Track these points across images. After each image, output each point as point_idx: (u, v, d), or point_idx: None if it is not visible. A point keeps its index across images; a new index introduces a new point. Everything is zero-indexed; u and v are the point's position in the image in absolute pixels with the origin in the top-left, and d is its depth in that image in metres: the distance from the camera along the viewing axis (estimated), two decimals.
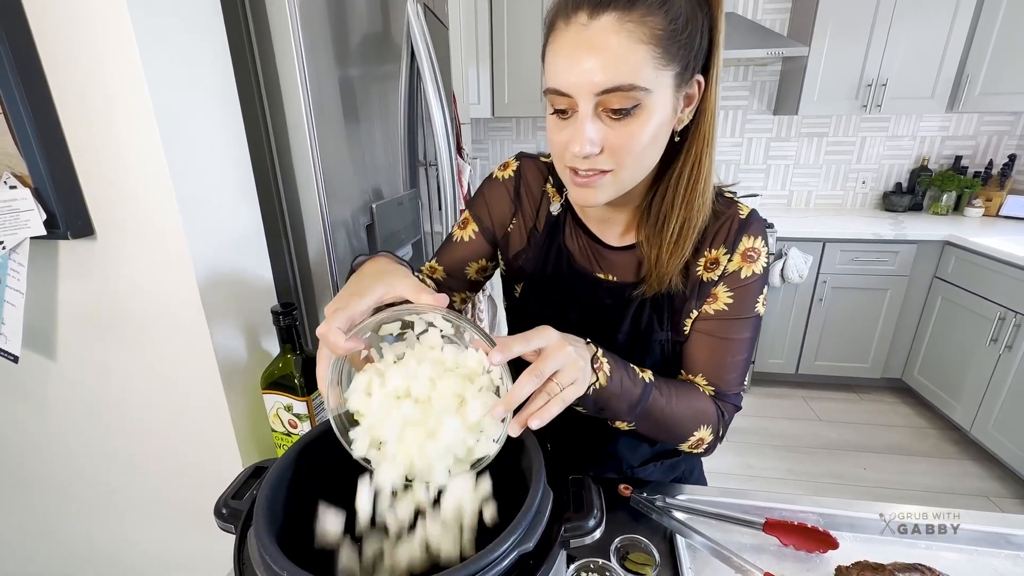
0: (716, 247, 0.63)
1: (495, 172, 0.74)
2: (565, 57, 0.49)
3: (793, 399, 2.68)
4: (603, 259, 0.68)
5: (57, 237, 0.57)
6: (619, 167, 0.53)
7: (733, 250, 0.62)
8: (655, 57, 0.48)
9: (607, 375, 0.55)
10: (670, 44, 0.48)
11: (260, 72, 0.72)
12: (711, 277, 0.63)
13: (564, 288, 0.69)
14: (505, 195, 0.72)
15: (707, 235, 0.63)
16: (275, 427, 0.70)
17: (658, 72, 0.48)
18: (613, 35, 0.47)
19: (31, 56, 0.52)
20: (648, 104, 0.49)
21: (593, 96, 0.49)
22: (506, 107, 2.77)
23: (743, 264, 0.63)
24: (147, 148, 0.55)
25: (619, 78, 0.47)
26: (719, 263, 0.63)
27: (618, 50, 0.47)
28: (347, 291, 0.49)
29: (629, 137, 0.51)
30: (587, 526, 0.41)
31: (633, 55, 0.47)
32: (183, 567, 0.81)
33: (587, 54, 0.47)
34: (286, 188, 0.78)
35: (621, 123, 0.50)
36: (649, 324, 0.66)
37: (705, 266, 0.63)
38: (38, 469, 0.79)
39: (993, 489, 2.05)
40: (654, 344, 0.67)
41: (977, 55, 2.33)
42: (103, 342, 0.66)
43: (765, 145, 2.92)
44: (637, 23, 0.46)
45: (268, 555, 0.35)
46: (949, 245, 2.33)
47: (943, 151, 2.79)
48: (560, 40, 0.50)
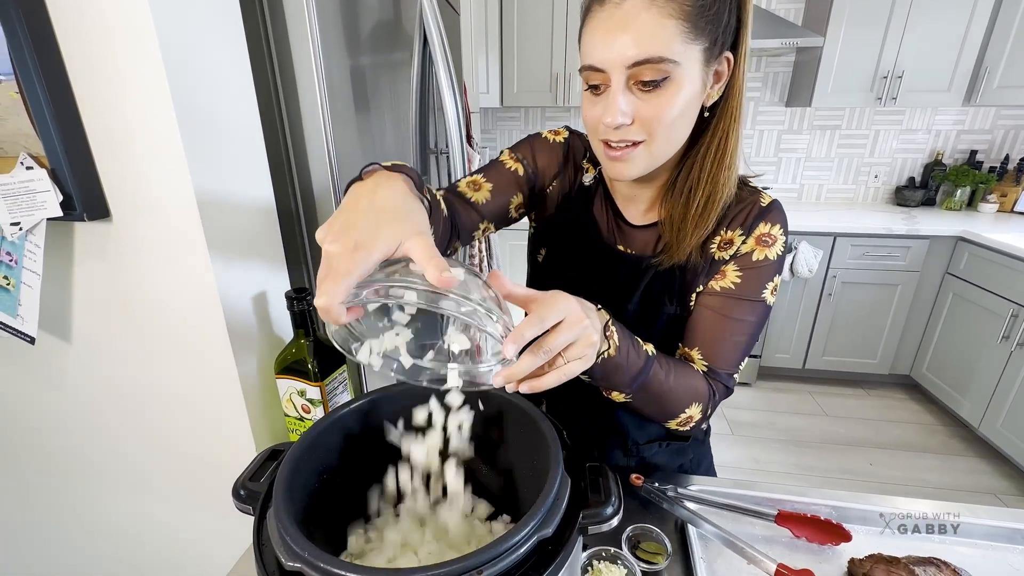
0: (733, 229, 0.64)
1: (545, 133, 0.75)
2: (600, 35, 0.52)
3: (800, 394, 2.68)
4: (623, 235, 0.70)
5: (73, 219, 0.57)
6: (650, 138, 0.55)
7: (749, 233, 0.63)
8: (684, 32, 0.50)
9: (616, 344, 0.55)
10: (698, 19, 0.50)
11: (275, 58, 0.72)
12: (723, 256, 0.64)
13: (586, 257, 0.71)
14: (553, 155, 0.74)
15: (727, 216, 0.64)
16: (288, 412, 0.71)
17: (687, 46, 0.51)
18: (644, 11, 0.49)
19: (48, 38, 0.52)
20: (677, 77, 0.52)
21: (624, 69, 0.51)
22: (515, 97, 2.74)
23: (756, 247, 0.63)
24: (164, 132, 0.54)
25: (649, 50, 0.50)
26: (733, 243, 0.64)
27: (648, 25, 0.49)
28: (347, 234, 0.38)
29: (659, 108, 0.53)
30: (605, 513, 0.41)
31: (662, 29, 0.49)
32: (198, 546, 0.82)
33: (619, 30, 0.50)
34: (299, 173, 0.77)
35: (652, 95, 0.52)
36: (659, 297, 0.67)
37: (719, 245, 0.65)
38: (54, 448, 0.80)
39: (1001, 487, 2.04)
40: (662, 316, 0.68)
41: (997, 47, 2.28)
42: (118, 324, 0.67)
43: (777, 137, 2.89)
44: (666, 0, 0.49)
45: (289, 536, 0.35)
46: (962, 241, 2.30)
47: (958, 145, 2.75)
48: (595, 20, 0.53)
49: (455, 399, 0.49)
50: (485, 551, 0.34)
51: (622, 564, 0.58)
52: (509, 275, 0.81)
